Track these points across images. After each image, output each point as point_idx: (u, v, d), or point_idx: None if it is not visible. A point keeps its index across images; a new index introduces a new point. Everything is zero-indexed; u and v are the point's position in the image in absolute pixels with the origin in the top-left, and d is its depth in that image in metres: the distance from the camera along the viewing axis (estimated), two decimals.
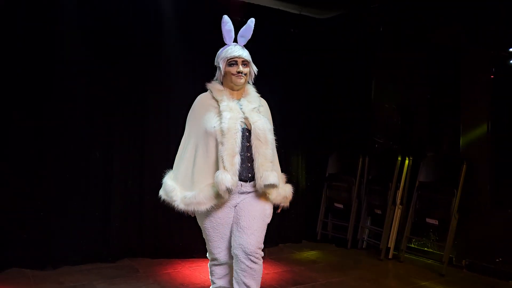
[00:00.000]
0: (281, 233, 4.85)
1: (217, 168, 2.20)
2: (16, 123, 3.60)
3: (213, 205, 2.23)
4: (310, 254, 4.57)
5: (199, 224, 2.38)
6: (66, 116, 3.77)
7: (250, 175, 2.27)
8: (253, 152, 2.24)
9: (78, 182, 3.80)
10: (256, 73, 2.42)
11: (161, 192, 2.36)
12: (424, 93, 4.54)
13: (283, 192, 2.37)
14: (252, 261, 2.22)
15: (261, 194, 2.31)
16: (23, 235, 3.62)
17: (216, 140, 2.21)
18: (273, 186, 2.25)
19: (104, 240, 3.91)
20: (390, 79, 4.88)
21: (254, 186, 2.28)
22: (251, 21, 2.38)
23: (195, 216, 2.36)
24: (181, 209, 2.26)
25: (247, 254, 2.22)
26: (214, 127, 2.22)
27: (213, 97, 2.33)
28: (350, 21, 5.05)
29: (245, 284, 2.23)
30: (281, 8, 4.78)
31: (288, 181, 2.47)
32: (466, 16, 4.13)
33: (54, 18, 3.71)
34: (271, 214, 2.39)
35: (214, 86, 2.37)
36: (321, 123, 5.17)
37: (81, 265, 3.79)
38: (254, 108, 2.33)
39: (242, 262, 2.22)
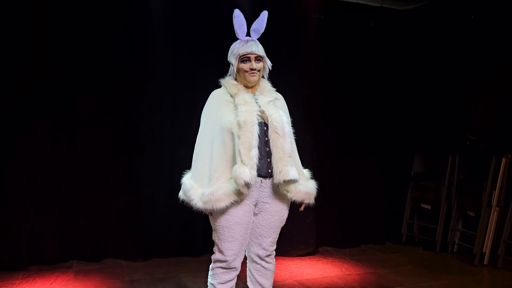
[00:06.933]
0: (363, 233, 4.70)
1: (234, 163, 2.11)
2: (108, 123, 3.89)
3: (232, 202, 2.13)
4: (394, 257, 4.37)
5: (212, 224, 2.28)
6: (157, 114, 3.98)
7: (270, 170, 2.17)
8: (271, 146, 2.15)
9: (165, 179, 3.99)
10: (270, 68, 2.31)
11: (180, 193, 2.30)
12: None
13: (304, 188, 2.26)
14: (267, 261, 2.38)
15: (281, 194, 2.22)
16: (124, 228, 3.91)
17: (232, 134, 2.13)
18: (293, 181, 2.17)
19: (189, 235, 4.07)
20: (483, 70, 4.49)
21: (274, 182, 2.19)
22: (264, 14, 2.28)
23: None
24: (199, 208, 2.18)
25: (262, 258, 2.37)
26: (230, 120, 2.14)
27: (228, 92, 2.25)
28: (437, 11, 4.74)
29: (259, 283, 2.39)
30: (360, 1, 4.63)
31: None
32: None
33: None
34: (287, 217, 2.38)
35: (228, 81, 2.29)
36: (406, 119, 4.92)
37: (168, 258, 3.99)
38: (270, 101, 2.24)
39: (258, 264, 2.38)
